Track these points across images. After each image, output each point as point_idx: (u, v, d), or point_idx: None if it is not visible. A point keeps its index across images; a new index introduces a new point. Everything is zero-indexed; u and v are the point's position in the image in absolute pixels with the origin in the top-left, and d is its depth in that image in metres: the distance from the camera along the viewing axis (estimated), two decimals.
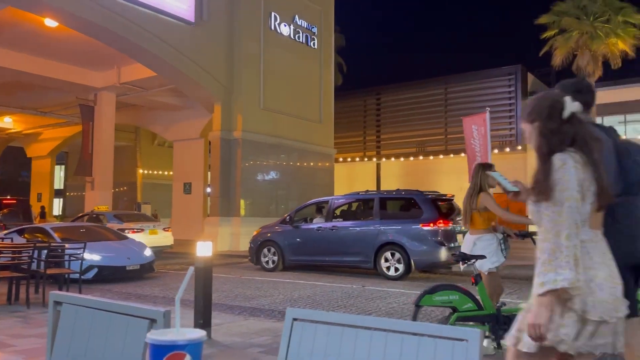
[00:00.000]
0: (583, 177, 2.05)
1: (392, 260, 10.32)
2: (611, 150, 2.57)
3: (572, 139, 2.12)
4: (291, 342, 2.09)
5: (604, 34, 20.13)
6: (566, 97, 2.17)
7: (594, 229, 2.10)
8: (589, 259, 2.05)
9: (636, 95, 21.81)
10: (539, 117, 2.19)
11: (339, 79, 27.51)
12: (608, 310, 2.02)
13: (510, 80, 24.33)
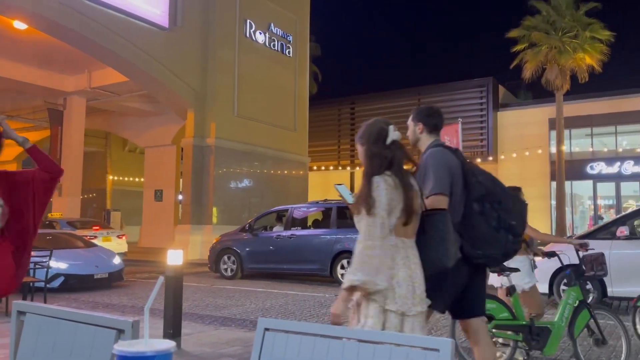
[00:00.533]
0: (392, 197, 2.48)
1: (348, 267, 10.33)
2: (459, 169, 3.02)
3: (390, 163, 2.56)
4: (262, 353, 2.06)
5: (572, 49, 20.70)
6: (390, 126, 2.67)
7: (401, 237, 2.51)
8: (392, 261, 2.46)
9: (602, 109, 22.47)
10: (367, 141, 2.66)
11: (314, 88, 27.59)
12: (406, 305, 2.43)
13: (481, 92, 24.80)
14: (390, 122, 2.70)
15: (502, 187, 3.06)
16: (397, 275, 2.45)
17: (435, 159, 3.06)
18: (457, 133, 14.47)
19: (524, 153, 23.65)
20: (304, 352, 1.96)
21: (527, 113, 24.45)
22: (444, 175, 2.96)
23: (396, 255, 2.48)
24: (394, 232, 2.49)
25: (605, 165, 22.48)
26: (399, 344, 1.73)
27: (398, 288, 2.43)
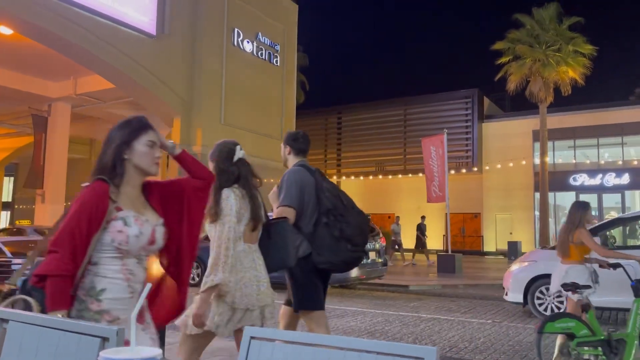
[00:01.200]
0: (240, 206, 2.86)
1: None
2: (312, 186, 3.50)
3: (238, 177, 2.95)
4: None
5: (556, 62, 21.05)
6: (237, 146, 3.08)
7: (248, 242, 2.92)
8: (240, 264, 2.86)
9: (584, 121, 22.85)
10: (217, 158, 3.05)
11: (301, 97, 27.68)
12: (251, 302, 2.88)
13: (467, 104, 25.09)
14: (238, 142, 3.12)
15: (346, 203, 3.53)
16: (245, 277, 2.86)
17: (290, 177, 3.59)
18: (442, 144, 14.61)
19: (508, 164, 23.92)
20: None
21: (511, 125, 24.77)
22: (295, 191, 3.48)
23: (244, 259, 2.89)
24: (242, 238, 2.89)
25: (587, 177, 22.83)
26: (384, 352, 1.74)
27: (245, 288, 2.85)
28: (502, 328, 7.28)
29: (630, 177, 21.97)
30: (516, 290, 8.34)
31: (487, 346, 6.10)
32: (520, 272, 8.46)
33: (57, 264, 1.85)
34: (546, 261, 8.33)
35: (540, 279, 8.13)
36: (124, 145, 2.10)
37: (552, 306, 8.06)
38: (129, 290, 2.04)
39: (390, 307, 9.13)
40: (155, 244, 2.12)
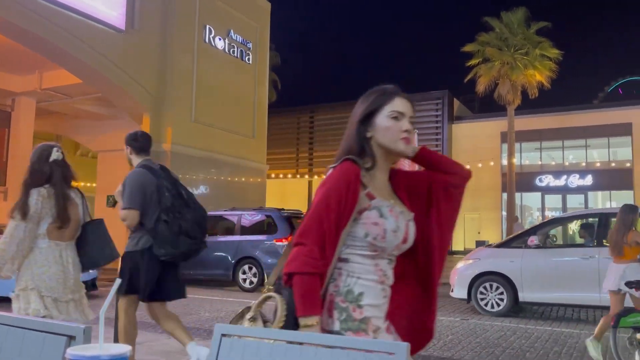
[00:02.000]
0: (42, 206, 3.07)
1: (249, 273, 11.05)
2: (154, 185, 3.83)
3: (49, 177, 3.14)
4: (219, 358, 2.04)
5: (523, 65, 21.52)
6: (54, 148, 3.24)
7: (56, 240, 3.15)
8: (45, 259, 3.10)
9: (550, 124, 23.42)
10: (32, 158, 3.26)
11: (273, 96, 27.58)
12: (58, 293, 3.11)
13: (437, 105, 25.42)
14: (57, 145, 3.28)
15: (187, 199, 3.88)
16: (49, 271, 3.10)
17: (131, 179, 3.91)
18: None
19: (477, 165, 24.34)
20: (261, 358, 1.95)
21: (480, 126, 25.21)
22: (136, 193, 3.80)
23: (49, 255, 3.12)
24: (47, 236, 3.11)
25: (553, 178, 23.42)
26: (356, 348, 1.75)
27: (49, 280, 3.09)
28: (470, 325, 7.40)
29: (593, 179, 22.64)
30: (461, 286, 8.64)
31: (455, 343, 6.20)
32: (465, 269, 8.76)
33: (305, 259, 1.55)
34: (489, 259, 8.60)
35: (483, 276, 8.47)
36: (364, 120, 1.82)
37: (493, 302, 8.34)
38: (382, 294, 1.70)
39: None
40: (407, 243, 1.73)
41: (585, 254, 7.95)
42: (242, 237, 11.43)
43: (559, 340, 6.51)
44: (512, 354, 5.69)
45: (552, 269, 8.10)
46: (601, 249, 7.76)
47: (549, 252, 8.56)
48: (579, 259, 7.96)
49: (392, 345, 1.76)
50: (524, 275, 8.17)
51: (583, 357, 5.61)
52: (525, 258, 8.30)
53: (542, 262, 8.24)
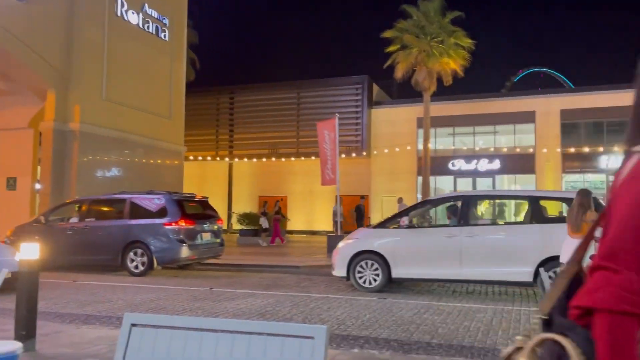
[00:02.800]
0: None
1: (137, 257, 10.87)
2: None
3: None
4: (129, 350, 1.91)
5: (439, 53, 22.31)
6: None
7: None
8: None
9: (463, 110, 24.53)
10: None
11: (191, 75, 26.67)
12: None
13: (357, 89, 25.79)
14: None
15: None
16: None
17: None
18: (334, 127, 14.90)
19: (395, 149, 25.07)
20: (175, 347, 1.85)
21: (398, 111, 25.92)
22: None
23: None
24: None
25: (464, 163, 24.62)
26: (274, 333, 1.70)
27: None
28: (387, 304, 7.63)
29: (500, 163, 24.07)
30: (341, 265, 9.02)
31: (372, 322, 6.36)
32: (344, 249, 9.16)
33: (618, 292, 1.00)
34: (366, 239, 9.06)
35: (361, 255, 8.91)
36: None
37: (370, 279, 8.78)
38: None
39: (282, 288, 9.19)
40: None
41: (450, 233, 8.59)
42: (131, 221, 11.08)
43: (468, 315, 6.88)
44: (425, 330, 5.93)
45: (421, 247, 8.72)
46: (463, 228, 8.55)
47: (419, 232, 9.10)
48: (444, 238, 8.56)
49: (311, 329, 1.73)
50: (397, 254, 8.71)
51: (489, 331, 5.95)
52: (398, 237, 8.87)
53: (412, 241, 8.82)
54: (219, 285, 9.53)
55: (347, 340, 5.40)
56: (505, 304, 7.76)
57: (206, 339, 1.81)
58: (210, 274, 11.59)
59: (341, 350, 4.98)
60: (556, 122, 23.28)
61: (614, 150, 22.28)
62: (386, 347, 5.17)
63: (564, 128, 23.26)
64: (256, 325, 1.75)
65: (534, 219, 8.44)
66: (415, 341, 5.41)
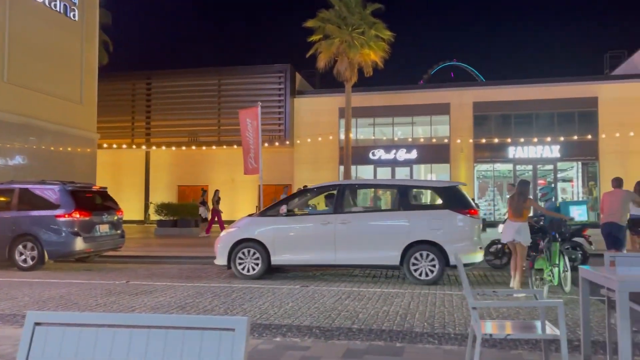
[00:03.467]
0: None
1: (27, 251, 10.39)
2: None
3: None
4: (32, 350, 1.78)
5: (360, 44, 22.63)
6: None
7: None
8: None
9: (382, 102, 25.13)
10: None
11: (104, 58, 25.27)
12: None
13: (280, 78, 25.64)
14: None
15: None
16: None
17: None
18: (257, 116, 14.72)
19: (317, 139, 25.25)
20: (84, 347, 1.74)
21: (320, 101, 26.09)
22: None
23: None
24: None
25: (384, 152, 25.29)
26: (192, 326, 1.64)
27: None
28: (309, 292, 7.70)
29: (417, 153, 24.95)
30: (222, 253, 9.15)
31: (294, 310, 6.39)
32: (226, 237, 9.29)
33: None
34: (247, 227, 9.24)
35: (242, 243, 9.08)
36: None
37: (251, 266, 8.96)
38: None
39: (202, 279, 9.00)
40: None
41: (325, 220, 8.95)
42: (20, 212, 10.48)
43: (387, 299, 7.09)
44: (346, 316, 6.04)
45: (299, 235, 9.04)
46: (338, 215, 8.94)
47: (297, 220, 9.34)
48: (320, 225, 8.92)
49: (231, 321, 1.68)
50: (276, 241, 8.96)
51: (407, 314, 6.17)
52: (277, 225, 9.10)
53: (290, 228, 9.09)
54: (137, 278, 9.17)
55: (269, 329, 5.39)
56: (422, 289, 8.08)
57: (119, 336, 1.72)
58: (128, 266, 11.12)
59: (263, 340, 4.96)
60: (469, 114, 24.45)
61: (520, 141, 23.79)
62: (308, 334, 5.22)
63: (476, 120, 24.49)
64: (173, 319, 1.68)
65: (401, 207, 8.94)
66: (336, 327, 5.50)
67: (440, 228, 8.55)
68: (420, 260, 8.53)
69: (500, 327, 3.58)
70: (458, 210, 8.63)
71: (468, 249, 8.48)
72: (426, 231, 8.57)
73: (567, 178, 25.46)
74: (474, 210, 8.79)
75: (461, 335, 5.19)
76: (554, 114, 23.74)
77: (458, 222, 8.60)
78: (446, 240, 8.49)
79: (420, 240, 8.58)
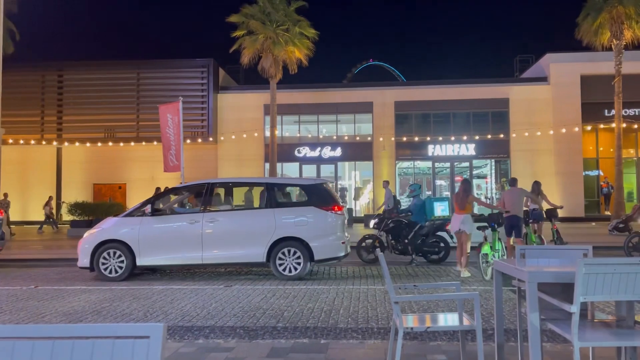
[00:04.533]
0: None
1: None
2: None
3: None
4: None
5: (284, 42, 22.57)
6: None
7: None
8: None
9: (308, 99, 25.25)
10: None
11: (9, 47, 23.44)
12: None
13: (203, 73, 25.05)
14: None
15: None
16: None
17: None
18: (178, 112, 14.27)
19: (242, 135, 24.93)
20: None
21: (245, 97, 25.77)
22: None
23: None
24: None
25: (309, 150, 25.42)
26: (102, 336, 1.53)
27: None
28: (234, 292, 7.57)
29: (342, 150, 25.30)
30: (85, 255, 8.92)
31: (218, 311, 6.25)
32: (88, 238, 9.03)
33: None
34: (111, 228, 9.06)
35: (106, 244, 8.87)
36: None
37: (115, 268, 8.77)
38: None
39: (122, 283, 8.59)
40: None
41: (192, 219, 8.91)
42: None
43: (313, 296, 7.11)
44: (271, 315, 5.99)
45: (165, 234, 8.90)
46: (205, 214, 8.94)
47: (163, 219, 9.12)
48: (187, 224, 8.87)
49: (145, 328, 1.58)
50: (141, 241, 8.79)
51: (331, 311, 6.22)
52: (142, 225, 8.89)
53: (156, 228, 8.91)
54: (46, 283, 8.59)
55: (191, 332, 5.23)
56: (346, 284, 8.19)
57: (19, 349, 1.57)
58: (37, 270, 10.39)
59: (185, 342, 4.80)
60: (391, 113, 25.13)
61: (439, 139, 24.78)
62: (232, 334, 5.11)
63: (398, 118, 25.22)
64: (80, 328, 1.55)
65: (268, 204, 9.04)
66: (261, 326, 5.43)
67: (305, 224, 8.72)
68: (286, 257, 8.68)
69: (421, 320, 3.68)
70: (322, 207, 8.83)
71: (332, 244, 8.75)
72: (291, 227, 8.72)
73: (481, 175, 26.88)
74: (338, 206, 9.03)
75: (384, 329, 5.30)
76: (470, 113, 24.94)
77: (322, 218, 8.77)
78: (310, 236, 8.68)
79: (285, 237, 8.74)
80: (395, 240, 10.73)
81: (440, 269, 9.79)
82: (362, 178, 27.10)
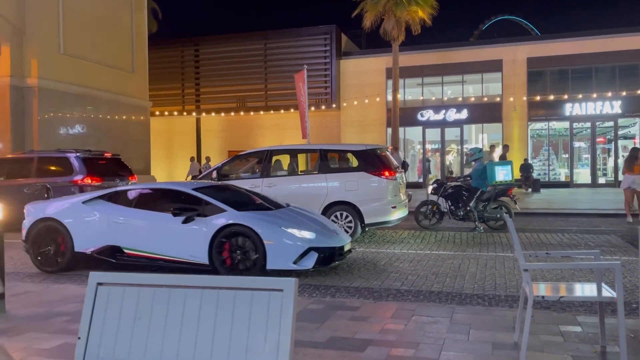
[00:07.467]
0: None
1: None
2: None
3: None
4: (96, 308, 1.90)
5: (407, 2, 21.89)
6: None
7: None
8: None
9: (431, 60, 24.42)
10: None
11: (153, 26, 25.68)
12: None
13: (325, 40, 25.29)
14: None
15: None
16: None
17: None
18: (304, 80, 14.67)
19: (364, 101, 24.94)
20: (142, 304, 1.84)
21: (367, 62, 25.63)
22: None
23: None
24: None
25: (433, 113, 24.73)
26: (243, 287, 1.70)
27: None
28: (359, 254, 7.76)
29: (468, 113, 24.25)
30: None
31: (346, 272, 6.48)
32: None
33: None
34: None
35: None
36: None
37: None
38: None
39: None
40: None
41: (253, 184, 9.11)
42: (38, 179, 10.91)
43: (437, 262, 7.07)
44: (396, 277, 6.08)
45: None
46: (264, 179, 9.26)
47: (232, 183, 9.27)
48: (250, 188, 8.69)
49: (279, 282, 1.74)
50: None
51: (456, 276, 6.15)
52: None
53: None
54: None
55: (319, 290, 5.51)
56: (472, 250, 8.00)
57: (174, 296, 1.81)
58: None
59: (313, 299, 5.08)
60: (523, 71, 23.43)
61: (578, 97, 22.68)
62: (357, 294, 5.31)
63: (530, 76, 23.45)
64: (225, 280, 1.74)
65: (321, 170, 9.26)
66: (385, 288, 5.56)
67: (355, 189, 8.87)
68: (339, 220, 8.85)
69: (554, 290, 3.52)
70: (372, 172, 8.91)
71: (382, 209, 8.89)
72: (342, 192, 8.95)
73: (628, 135, 24.16)
74: (390, 171, 9.03)
75: (512, 297, 5.14)
76: (616, 67, 22.40)
77: (372, 183, 8.91)
78: (361, 200, 8.82)
79: (337, 202, 8.92)
80: (455, 207, 10.39)
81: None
82: (489, 141, 25.82)
